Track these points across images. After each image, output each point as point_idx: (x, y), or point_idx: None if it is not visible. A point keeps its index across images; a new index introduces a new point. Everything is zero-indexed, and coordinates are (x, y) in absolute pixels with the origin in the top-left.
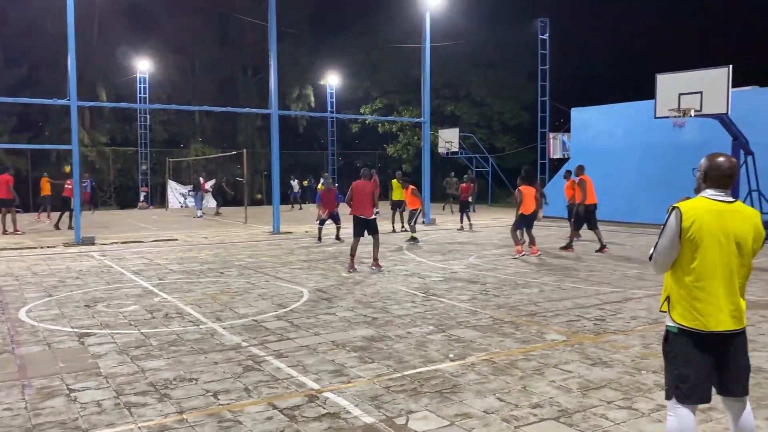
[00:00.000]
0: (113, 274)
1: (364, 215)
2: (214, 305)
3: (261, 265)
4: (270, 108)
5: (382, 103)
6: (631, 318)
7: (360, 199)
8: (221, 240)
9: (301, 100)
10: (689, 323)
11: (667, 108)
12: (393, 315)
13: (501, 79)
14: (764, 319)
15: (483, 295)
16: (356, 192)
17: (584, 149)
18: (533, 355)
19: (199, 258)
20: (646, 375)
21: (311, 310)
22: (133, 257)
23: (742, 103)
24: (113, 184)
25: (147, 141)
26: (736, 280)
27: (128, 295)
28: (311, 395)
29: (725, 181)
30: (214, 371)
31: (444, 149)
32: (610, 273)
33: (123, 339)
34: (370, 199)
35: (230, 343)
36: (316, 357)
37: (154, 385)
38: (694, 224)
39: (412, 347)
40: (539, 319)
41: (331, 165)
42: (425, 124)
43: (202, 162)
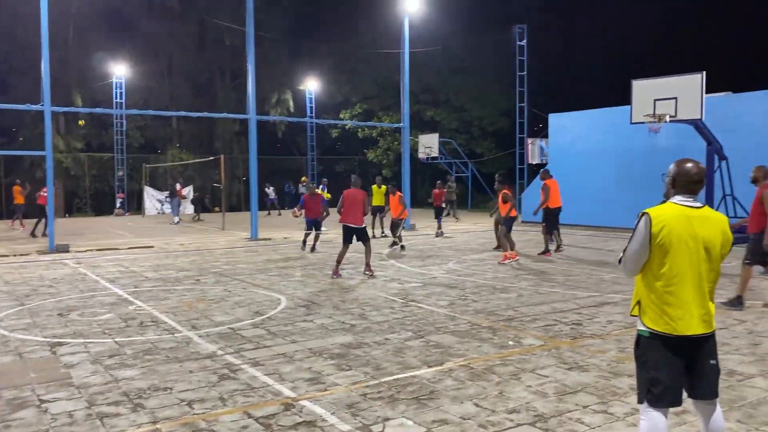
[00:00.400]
0: (87, 282)
1: (355, 224)
2: (190, 313)
3: (238, 272)
4: (248, 113)
5: (362, 108)
6: (607, 322)
7: (350, 207)
8: (198, 247)
9: (280, 105)
10: (660, 327)
11: (643, 113)
12: (371, 321)
13: (480, 85)
14: (737, 322)
15: (461, 301)
16: (347, 200)
17: (562, 154)
18: (510, 360)
19: (176, 265)
20: (622, 379)
21: (289, 318)
22: (109, 265)
23: (716, 108)
24: (89, 191)
25: (123, 147)
26: (705, 284)
27: (103, 303)
28: (287, 403)
29: (693, 187)
30: (189, 380)
31: (424, 154)
32: (587, 277)
33: (96, 348)
34: (361, 207)
35: (206, 351)
36: (292, 365)
37: (128, 395)
38: (664, 230)
39: (389, 354)
40: (517, 324)
41: (311, 170)
42: (405, 129)
43: (179, 168)
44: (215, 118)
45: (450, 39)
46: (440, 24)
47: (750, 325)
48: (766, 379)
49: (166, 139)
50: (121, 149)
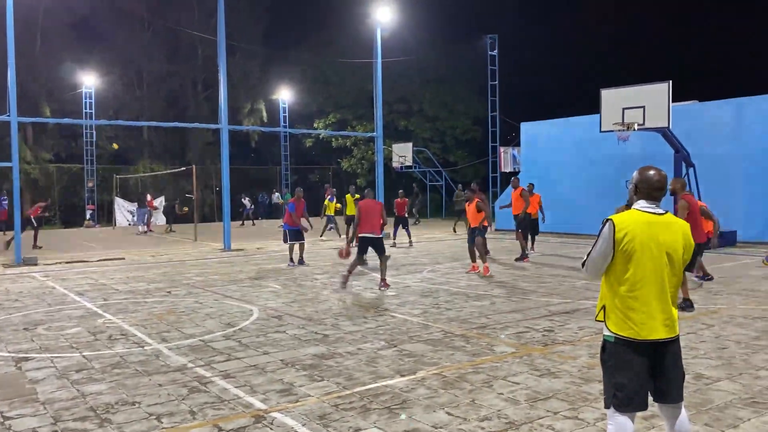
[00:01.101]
0: (55, 295)
1: (373, 233)
2: (161, 325)
3: (210, 284)
4: (220, 123)
5: (336, 118)
6: (578, 328)
7: (368, 218)
8: (170, 258)
9: (253, 115)
10: (624, 332)
11: (612, 122)
12: (344, 331)
13: (453, 95)
14: (705, 326)
15: (435, 309)
16: (364, 211)
17: (534, 162)
18: (482, 367)
19: (146, 277)
20: (592, 385)
21: (261, 329)
22: (78, 278)
23: (682, 117)
24: (58, 202)
25: (93, 157)
26: (667, 289)
27: (71, 316)
28: (258, 415)
29: (655, 194)
30: (158, 394)
31: (398, 163)
32: (558, 284)
33: (63, 363)
34: (378, 217)
35: (176, 364)
36: (264, 376)
37: (95, 410)
38: (627, 236)
39: (362, 364)
40: (489, 332)
41: (285, 180)
42: (378, 138)
43: (150, 179)
44: (187, 128)
45: (423, 49)
46: (413, 34)
47: (717, 330)
48: (733, 383)
49: (138, 150)
50: (90, 160)
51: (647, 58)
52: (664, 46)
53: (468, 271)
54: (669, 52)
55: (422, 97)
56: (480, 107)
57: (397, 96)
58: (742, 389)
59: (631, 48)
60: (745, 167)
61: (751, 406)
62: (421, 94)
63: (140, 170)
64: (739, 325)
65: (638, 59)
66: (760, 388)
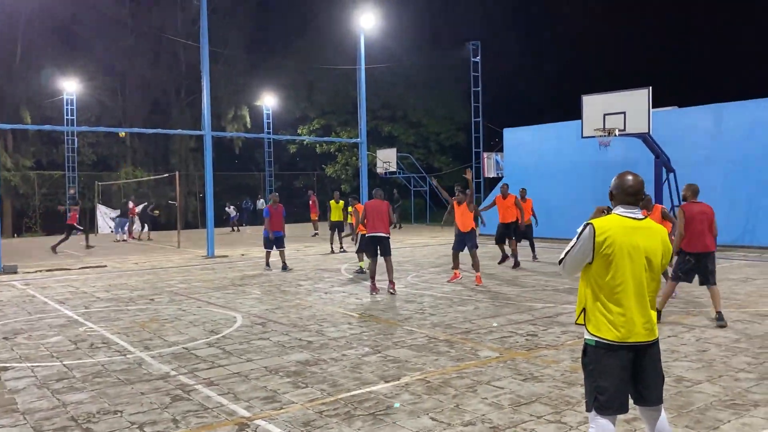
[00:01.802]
0: (36, 303)
1: (382, 232)
2: (143, 333)
3: (193, 291)
4: (203, 129)
5: (320, 124)
6: (561, 333)
7: (374, 218)
8: (153, 266)
9: (236, 121)
10: (604, 335)
11: (593, 128)
12: (328, 338)
13: (437, 101)
14: (685, 329)
15: (419, 314)
16: (370, 211)
17: (517, 168)
18: (467, 372)
19: (129, 285)
20: (575, 388)
21: (245, 336)
22: (58, 286)
23: (663, 122)
24: (39, 210)
25: (75, 164)
26: (646, 293)
27: (51, 325)
28: (242, 423)
29: (630, 199)
30: (140, 402)
31: (382, 169)
32: (542, 289)
33: (44, 372)
34: (385, 217)
35: (158, 372)
36: (248, 384)
37: (76, 420)
38: (608, 240)
39: (346, 370)
40: (473, 337)
41: (269, 186)
42: (362, 144)
43: (133, 185)
44: (170, 134)
45: (407, 55)
46: (397, 41)
47: (698, 333)
48: (713, 385)
49: (120, 157)
50: (72, 167)
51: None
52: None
53: (449, 280)
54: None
55: (406, 103)
56: (463, 113)
57: (381, 102)
58: (722, 391)
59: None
60: (725, 172)
61: (731, 408)
62: (405, 100)
63: (123, 177)
64: (719, 328)
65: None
66: (740, 390)
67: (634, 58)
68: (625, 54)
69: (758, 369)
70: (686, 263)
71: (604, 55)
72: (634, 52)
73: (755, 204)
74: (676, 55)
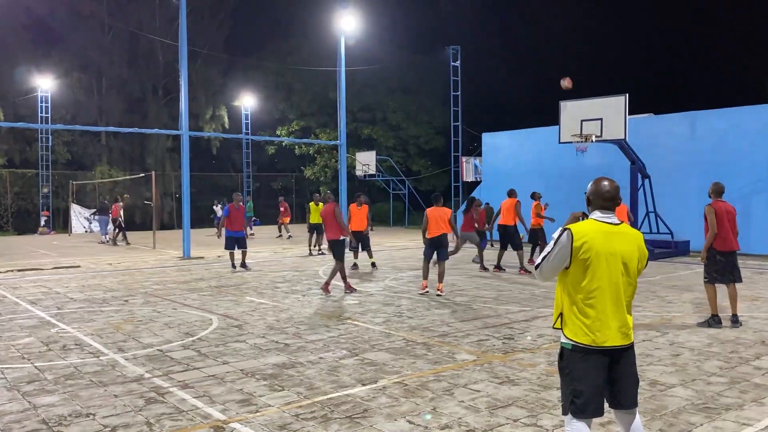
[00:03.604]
0: (6, 304)
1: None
2: (117, 335)
3: (168, 292)
4: (180, 129)
5: (299, 126)
6: (537, 336)
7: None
8: (128, 266)
9: (214, 121)
10: (580, 339)
11: (571, 133)
12: (306, 341)
13: (416, 104)
14: (659, 334)
15: (397, 317)
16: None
17: (495, 172)
18: (444, 375)
19: (103, 285)
20: (551, 392)
21: (220, 338)
22: (30, 286)
23: (639, 129)
24: (11, 209)
25: (49, 163)
26: (623, 298)
27: (22, 326)
28: (217, 426)
29: (606, 204)
30: (113, 405)
31: (361, 172)
32: (519, 292)
33: (14, 374)
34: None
35: (132, 374)
36: (223, 386)
37: (47, 423)
38: (585, 245)
39: (323, 373)
40: (450, 340)
41: (246, 187)
42: (342, 146)
43: (109, 185)
44: (147, 133)
45: (387, 59)
46: (377, 44)
47: (671, 337)
48: (686, 389)
49: (95, 156)
50: (46, 165)
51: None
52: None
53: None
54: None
55: (386, 106)
56: (443, 117)
57: (361, 104)
58: (695, 395)
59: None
60: (698, 178)
61: (703, 411)
62: (385, 103)
63: (98, 176)
64: (692, 333)
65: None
66: (712, 394)
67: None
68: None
69: (730, 373)
70: (717, 263)
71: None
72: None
73: None
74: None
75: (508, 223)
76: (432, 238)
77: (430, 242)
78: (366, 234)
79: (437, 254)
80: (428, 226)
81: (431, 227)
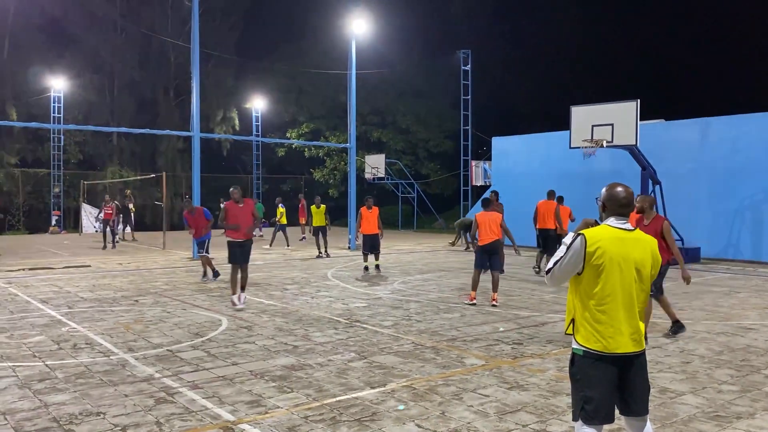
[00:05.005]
0: (18, 302)
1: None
2: (127, 335)
3: (178, 293)
4: (191, 130)
5: (309, 128)
6: (547, 341)
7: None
8: (137, 266)
9: (225, 123)
10: (592, 345)
11: (581, 138)
12: (315, 342)
13: (426, 108)
14: (669, 341)
15: (406, 321)
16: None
17: (504, 177)
18: (453, 380)
19: (113, 285)
20: (560, 398)
21: (230, 339)
22: (41, 285)
23: (650, 135)
24: (22, 208)
25: (60, 162)
26: (635, 304)
27: (34, 325)
28: (226, 427)
29: (621, 210)
30: (123, 404)
31: (370, 175)
32: (528, 297)
33: (25, 372)
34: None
35: (142, 374)
36: (233, 387)
37: (58, 421)
38: (598, 250)
39: (332, 375)
40: (459, 344)
41: (256, 189)
42: (351, 149)
43: (119, 185)
44: (158, 134)
45: (398, 62)
46: (388, 47)
47: (682, 344)
48: (696, 397)
49: (106, 156)
50: (57, 165)
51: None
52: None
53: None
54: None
55: (396, 110)
56: (453, 121)
57: (370, 108)
58: (705, 403)
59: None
60: (709, 185)
61: (714, 419)
62: (395, 106)
63: (109, 176)
64: (703, 340)
65: (608, 78)
66: (722, 402)
67: (622, 71)
68: (614, 67)
69: (741, 381)
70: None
71: (593, 68)
72: (623, 65)
73: (739, 218)
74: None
75: (548, 227)
76: (484, 246)
77: (482, 250)
78: (379, 237)
79: (491, 263)
80: (479, 232)
81: (482, 233)
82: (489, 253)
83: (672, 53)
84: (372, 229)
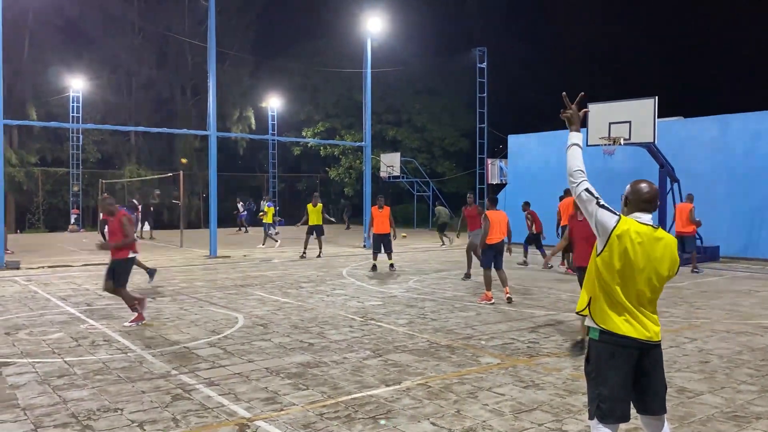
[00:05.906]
0: (38, 300)
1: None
2: (144, 332)
3: (195, 291)
4: (208, 129)
5: (324, 127)
6: (563, 340)
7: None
8: (155, 264)
9: (241, 122)
10: (609, 326)
11: (599, 136)
12: (330, 340)
13: (442, 106)
14: (687, 340)
15: (421, 319)
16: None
17: (520, 175)
18: (468, 378)
19: (131, 283)
20: (576, 397)
21: (246, 337)
22: (61, 282)
23: (668, 132)
24: (42, 206)
25: (79, 161)
26: (652, 297)
27: (53, 321)
28: (242, 424)
29: (644, 206)
30: (140, 401)
31: (386, 173)
32: (544, 296)
33: (45, 368)
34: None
35: (159, 371)
36: (248, 384)
37: (76, 417)
38: (623, 236)
39: (347, 373)
40: (475, 343)
41: (272, 188)
42: (366, 148)
43: (137, 184)
44: (175, 133)
45: (413, 60)
46: (403, 45)
47: (700, 344)
48: (715, 396)
49: (124, 155)
50: (76, 164)
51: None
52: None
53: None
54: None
55: (411, 108)
56: (468, 119)
57: (386, 106)
58: (724, 403)
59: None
60: (728, 183)
61: (732, 419)
62: (410, 104)
63: (127, 175)
64: (722, 340)
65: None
66: (741, 402)
67: (640, 68)
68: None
69: (760, 381)
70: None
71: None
72: (641, 62)
73: (759, 216)
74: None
75: None
76: (494, 245)
77: (491, 248)
78: (390, 237)
79: (495, 262)
80: (491, 230)
81: (493, 232)
82: (497, 252)
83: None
84: (383, 229)
